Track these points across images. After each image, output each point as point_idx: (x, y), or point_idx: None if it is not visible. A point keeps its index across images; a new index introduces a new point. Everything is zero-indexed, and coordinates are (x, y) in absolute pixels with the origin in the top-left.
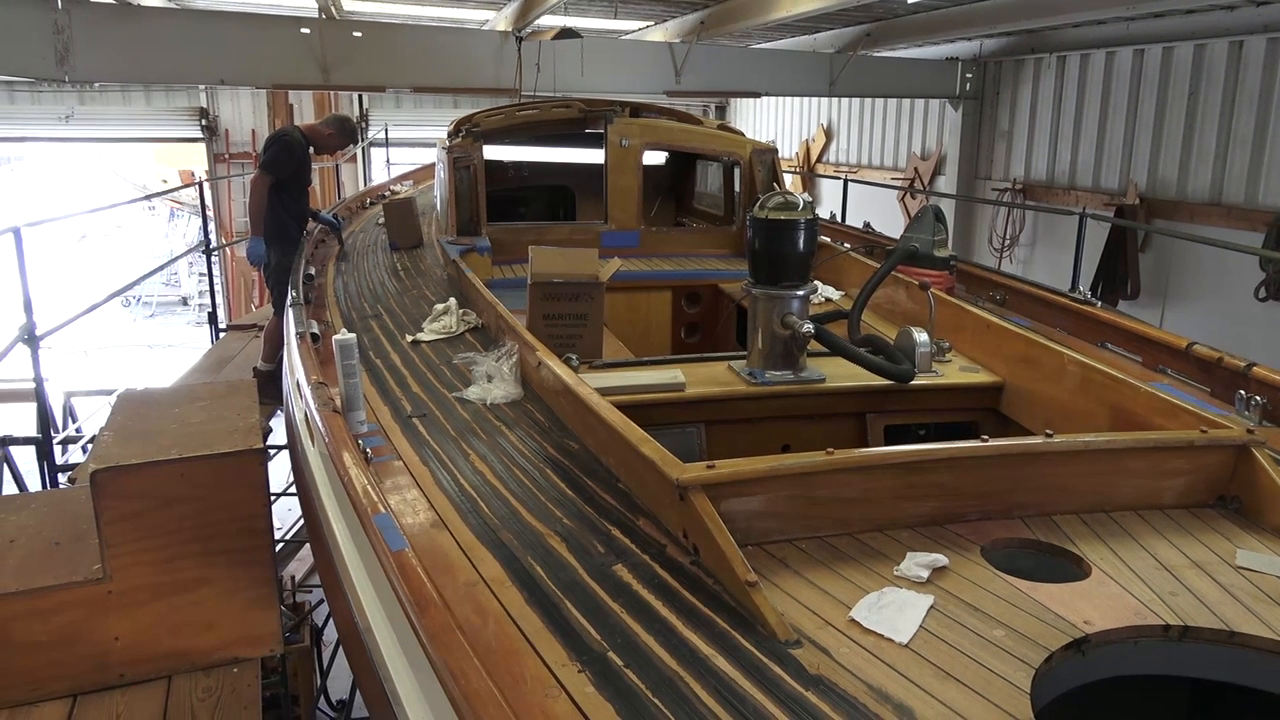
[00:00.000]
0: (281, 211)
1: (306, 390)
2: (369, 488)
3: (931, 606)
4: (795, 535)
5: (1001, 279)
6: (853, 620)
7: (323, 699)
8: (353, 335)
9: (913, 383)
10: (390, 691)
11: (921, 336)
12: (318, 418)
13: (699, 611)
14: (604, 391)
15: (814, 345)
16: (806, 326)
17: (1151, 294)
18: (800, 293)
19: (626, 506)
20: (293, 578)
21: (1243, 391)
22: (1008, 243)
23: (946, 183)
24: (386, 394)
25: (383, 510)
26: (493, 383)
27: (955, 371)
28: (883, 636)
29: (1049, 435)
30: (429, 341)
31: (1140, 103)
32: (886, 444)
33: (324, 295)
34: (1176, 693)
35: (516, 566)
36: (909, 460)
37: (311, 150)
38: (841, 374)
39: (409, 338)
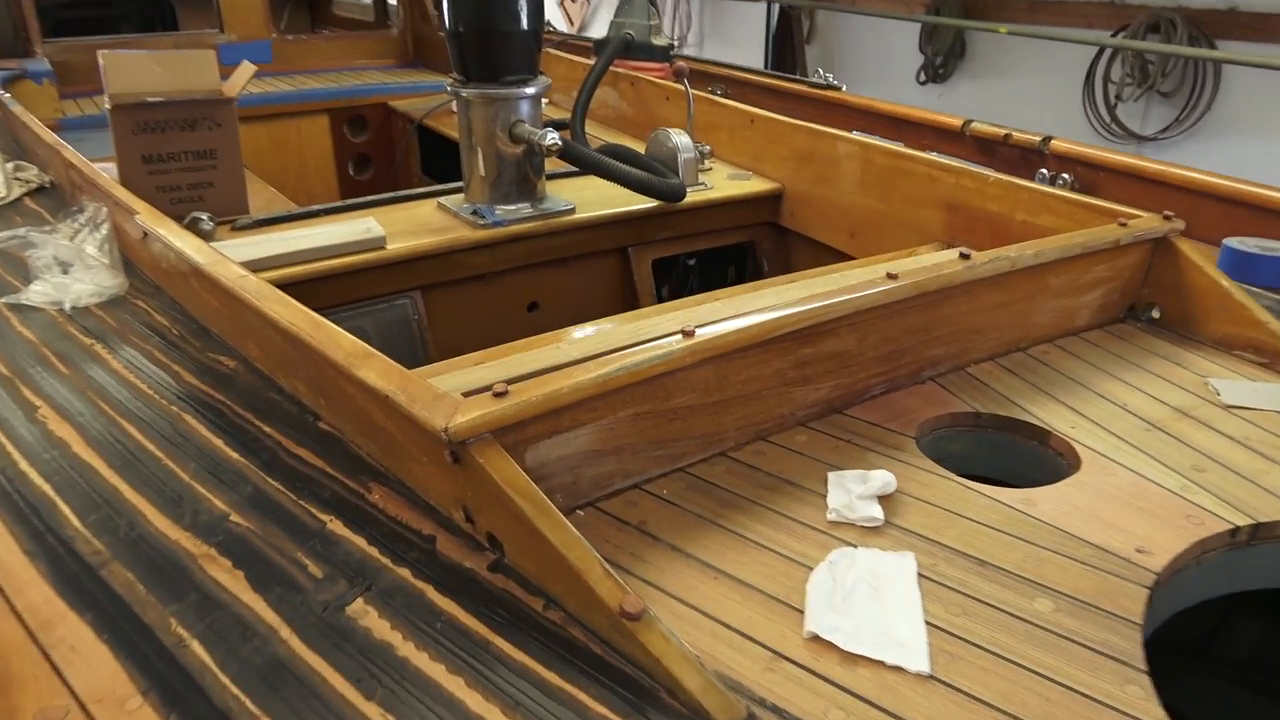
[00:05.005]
0: None
1: None
2: None
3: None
4: (648, 475)
5: (718, 70)
6: (817, 638)
7: None
8: None
9: (681, 202)
10: None
11: (681, 139)
12: None
13: (540, 678)
14: (261, 265)
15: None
16: (551, 136)
17: None
18: (530, 90)
19: (343, 466)
20: None
21: (1045, 170)
22: (676, 44)
23: None
24: None
25: None
26: (71, 273)
27: (723, 181)
28: (883, 665)
29: (965, 255)
30: None
31: None
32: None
33: None
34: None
35: (117, 632)
36: (802, 326)
37: None
38: (587, 201)
39: None
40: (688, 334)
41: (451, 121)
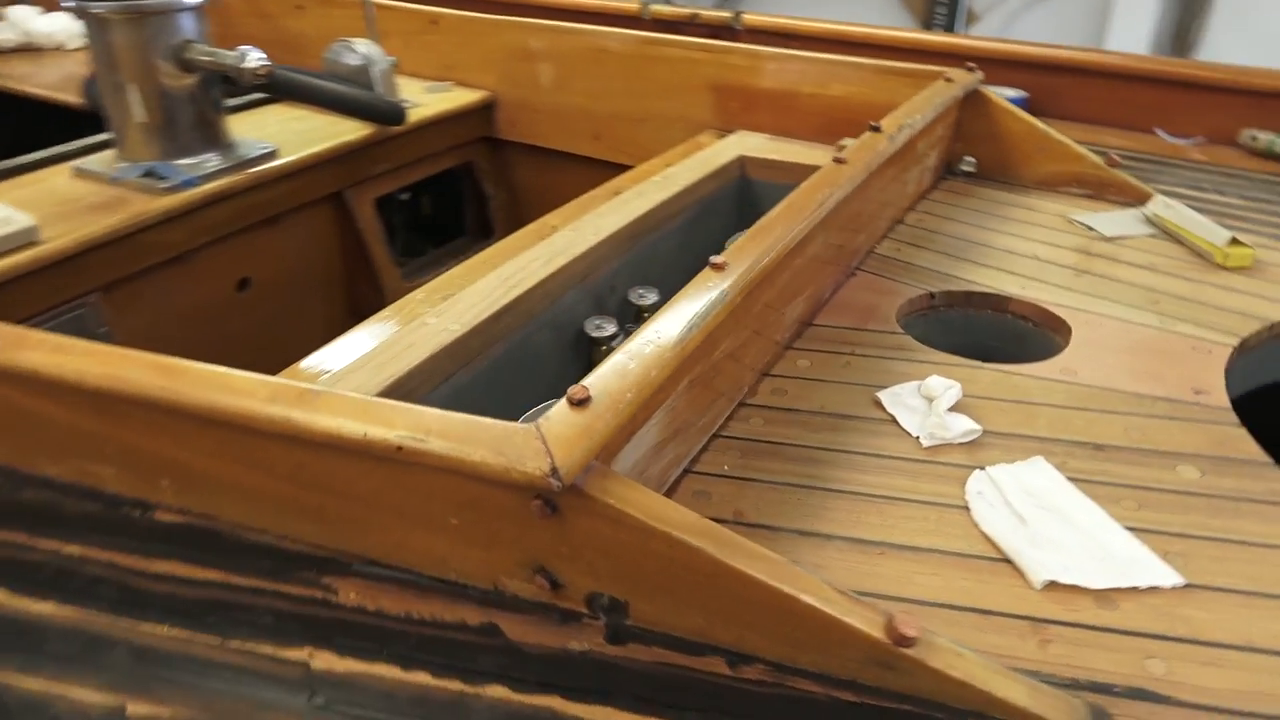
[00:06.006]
0: None
1: None
2: None
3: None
4: (692, 453)
5: None
6: (1054, 584)
7: None
8: None
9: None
10: None
11: (372, 49)
12: None
13: None
14: None
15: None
16: (255, 56)
17: None
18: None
19: (254, 567)
20: None
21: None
22: None
23: None
24: None
25: None
26: None
27: (426, 96)
28: (1137, 590)
29: (876, 127)
30: None
31: None
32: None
33: None
34: None
35: None
36: (803, 233)
37: None
38: (278, 140)
39: None
40: (718, 267)
41: None
